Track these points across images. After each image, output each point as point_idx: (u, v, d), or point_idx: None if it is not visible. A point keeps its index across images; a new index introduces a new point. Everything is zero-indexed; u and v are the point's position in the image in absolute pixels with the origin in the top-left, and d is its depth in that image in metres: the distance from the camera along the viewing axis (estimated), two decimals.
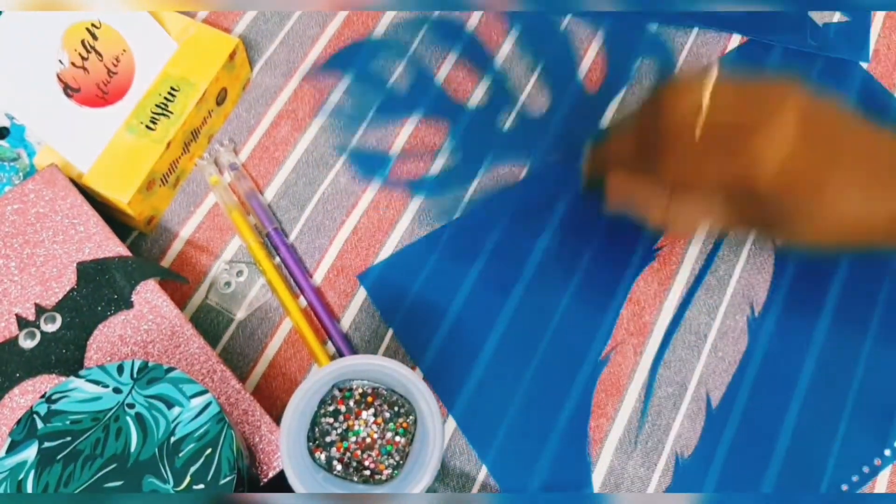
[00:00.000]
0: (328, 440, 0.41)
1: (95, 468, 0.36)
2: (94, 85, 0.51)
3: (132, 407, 0.38)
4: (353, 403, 0.41)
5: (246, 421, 0.45)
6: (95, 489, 0.36)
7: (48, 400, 0.37)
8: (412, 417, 0.41)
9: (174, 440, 0.37)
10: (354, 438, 0.41)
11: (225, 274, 0.52)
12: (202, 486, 0.36)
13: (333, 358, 0.50)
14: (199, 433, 0.37)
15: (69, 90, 0.50)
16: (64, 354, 0.45)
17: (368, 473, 0.40)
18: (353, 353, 0.51)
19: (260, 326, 0.51)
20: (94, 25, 0.51)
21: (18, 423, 0.37)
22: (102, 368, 0.38)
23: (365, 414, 0.41)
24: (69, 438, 0.37)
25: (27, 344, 0.45)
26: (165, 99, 0.52)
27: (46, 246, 0.48)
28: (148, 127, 0.51)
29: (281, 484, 0.44)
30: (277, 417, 0.49)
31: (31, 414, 0.37)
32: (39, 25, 0.49)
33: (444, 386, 0.50)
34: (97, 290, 0.47)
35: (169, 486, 0.36)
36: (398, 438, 0.41)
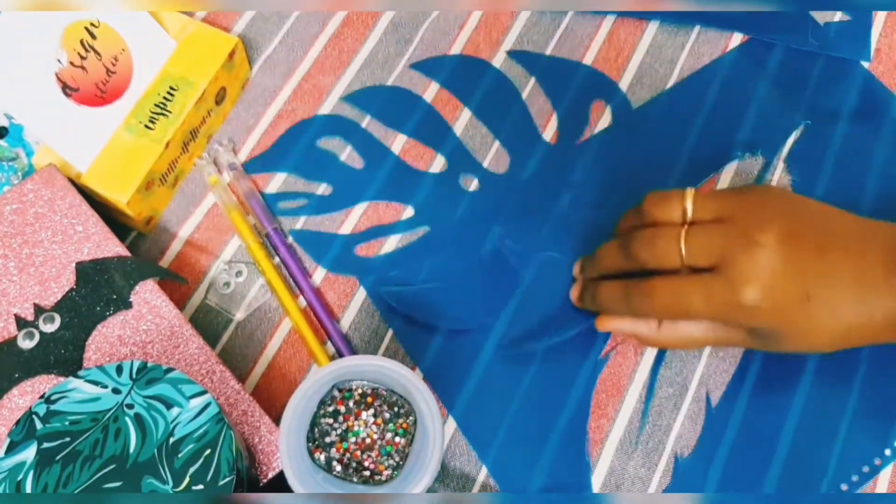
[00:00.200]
0: (328, 440, 0.40)
1: (94, 469, 0.36)
2: (92, 84, 0.51)
3: (131, 407, 0.37)
4: (352, 404, 0.41)
5: (245, 421, 0.45)
6: (94, 490, 0.36)
7: (47, 400, 0.37)
8: (412, 418, 0.41)
9: (173, 441, 0.37)
10: (354, 439, 0.41)
11: (224, 274, 0.52)
12: (201, 486, 0.36)
13: (333, 358, 0.50)
14: (198, 434, 0.37)
15: (68, 89, 0.50)
16: (63, 355, 0.45)
17: (368, 474, 0.40)
18: (352, 353, 0.50)
19: (259, 327, 0.51)
20: (92, 25, 0.51)
21: (17, 423, 0.37)
22: (101, 369, 0.38)
23: (365, 414, 0.41)
24: (68, 439, 0.37)
25: (26, 344, 0.45)
26: (164, 98, 0.52)
27: (45, 246, 0.47)
28: (147, 126, 0.51)
29: (281, 484, 0.44)
30: (277, 418, 0.49)
31: (29, 414, 0.37)
32: (38, 25, 0.49)
33: (444, 386, 0.50)
34: (96, 290, 0.46)
35: (168, 486, 0.36)
36: (398, 439, 0.41)
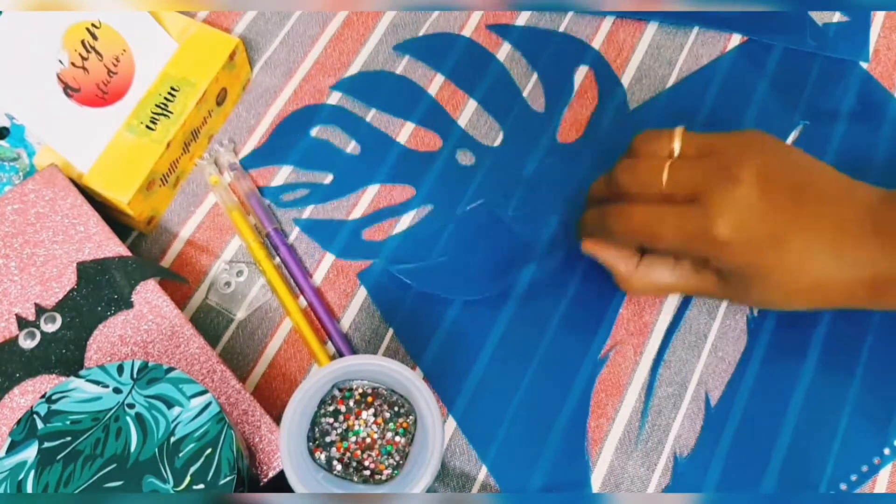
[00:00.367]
0: (328, 440, 0.41)
1: (95, 468, 0.36)
2: (94, 85, 0.51)
3: (132, 407, 0.38)
4: (353, 403, 0.41)
5: (246, 421, 0.45)
6: (95, 489, 0.36)
7: (48, 400, 0.37)
8: (412, 417, 0.41)
9: (174, 440, 0.37)
10: (354, 438, 0.41)
11: (225, 274, 0.52)
12: (202, 486, 0.36)
13: (333, 358, 0.50)
14: (199, 433, 0.37)
15: (69, 90, 0.50)
16: (64, 354, 0.45)
17: (368, 473, 0.40)
18: (353, 353, 0.51)
19: (260, 326, 0.51)
20: (94, 25, 0.51)
21: (18, 423, 0.37)
22: (102, 368, 0.38)
23: (365, 414, 0.41)
24: (69, 438, 0.37)
25: (27, 344, 0.45)
26: (165, 99, 0.52)
27: (46, 246, 0.48)
28: (148, 127, 0.51)
29: (281, 484, 0.44)
30: (277, 417, 0.49)
31: (31, 414, 0.37)
32: (39, 25, 0.49)
33: (444, 386, 0.50)
34: (97, 290, 0.47)
35: (169, 486, 0.36)
36: (398, 438, 0.41)
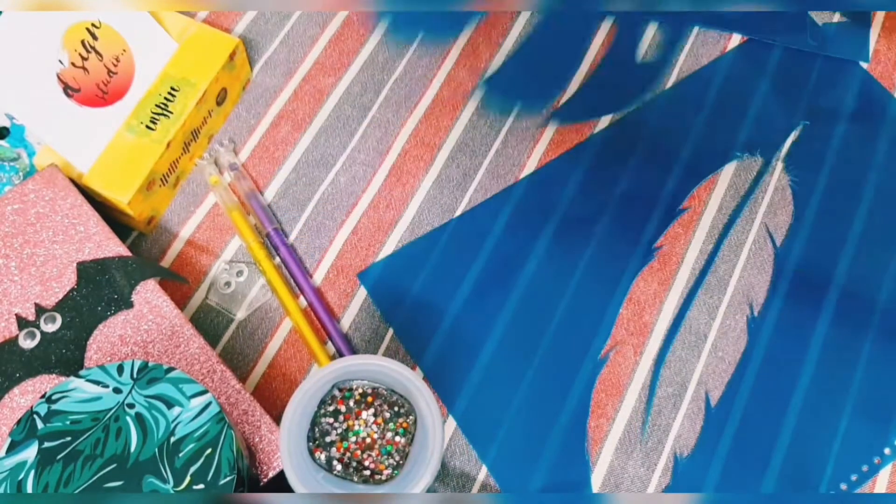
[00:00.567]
0: (328, 440, 0.41)
1: (95, 468, 0.36)
2: (94, 85, 0.51)
3: (132, 407, 0.38)
4: (353, 403, 0.41)
5: (246, 421, 0.45)
6: (95, 489, 0.36)
7: (48, 400, 0.37)
8: (412, 417, 0.41)
9: (174, 440, 0.37)
10: (354, 438, 0.41)
11: (225, 274, 0.52)
12: (202, 486, 0.36)
13: (333, 358, 0.50)
14: (199, 433, 0.37)
15: (69, 90, 0.50)
16: (64, 354, 0.45)
17: (368, 473, 0.40)
18: (353, 353, 0.51)
19: (260, 326, 0.51)
20: (94, 25, 0.51)
21: (18, 423, 0.37)
22: (102, 368, 0.38)
23: (365, 414, 0.41)
24: (69, 438, 0.37)
25: (27, 344, 0.45)
26: (165, 99, 0.52)
27: (46, 246, 0.48)
28: (148, 127, 0.51)
29: (281, 484, 0.44)
30: (277, 417, 0.49)
31: (31, 414, 0.37)
32: (39, 25, 0.49)
33: (444, 386, 0.50)
34: (97, 290, 0.47)
35: (169, 486, 0.36)
36: (398, 438, 0.41)
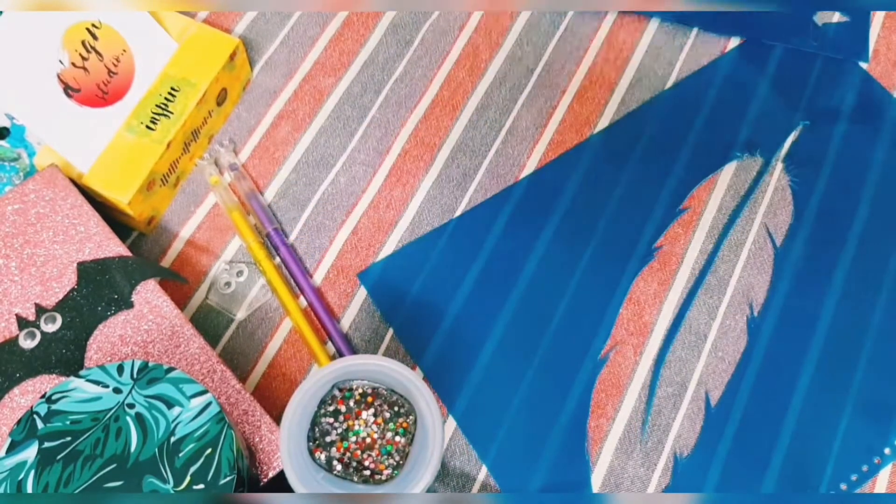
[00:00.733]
0: (328, 440, 0.41)
1: (95, 468, 0.36)
2: (94, 85, 0.51)
3: (132, 407, 0.38)
4: (353, 403, 0.41)
5: (246, 421, 0.45)
6: (95, 489, 0.36)
7: (48, 400, 0.37)
8: (412, 417, 0.41)
9: (174, 440, 0.37)
10: (354, 438, 0.41)
11: (225, 274, 0.52)
12: (202, 486, 0.36)
13: (333, 358, 0.50)
14: (199, 433, 0.37)
15: (69, 90, 0.50)
16: (64, 354, 0.45)
17: (368, 473, 0.40)
18: (353, 353, 0.51)
19: (260, 326, 0.51)
20: (94, 25, 0.51)
21: (18, 423, 0.37)
22: (102, 368, 0.38)
23: (365, 414, 0.41)
24: (69, 438, 0.37)
25: (27, 344, 0.45)
26: (166, 99, 0.52)
27: (47, 246, 0.48)
28: (148, 127, 0.51)
29: (281, 484, 0.44)
30: (277, 417, 0.49)
31: (31, 414, 0.37)
32: (39, 25, 0.49)
33: (444, 386, 0.50)
34: (97, 290, 0.47)
35: (169, 486, 0.36)
36: (398, 438, 0.41)
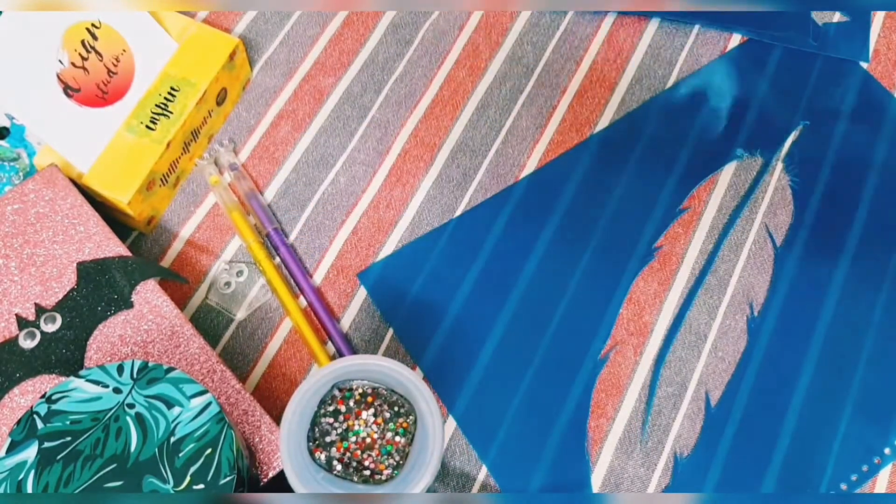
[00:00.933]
0: (328, 440, 0.41)
1: (95, 468, 0.36)
2: (94, 85, 0.51)
3: (132, 407, 0.38)
4: (353, 403, 0.41)
5: (246, 421, 0.45)
6: (95, 489, 0.36)
7: (48, 400, 0.37)
8: (412, 417, 0.41)
9: (174, 440, 0.37)
10: (354, 438, 0.41)
11: (225, 274, 0.52)
12: (202, 486, 0.36)
13: (333, 358, 0.50)
14: (199, 433, 0.37)
15: (69, 90, 0.50)
16: (64, 354, 0.45)
17: (368, 473, 0.40)
18: (353, 353, 0.51)
19: (260, 326, 0.51)
20: (94, 25, 0.51)
21: (18, 423, 0.37)
22: (102, 368, 0.38)
23: (365, 414, 0.41)
24: (69, 438, 0.37)
25: (27, 344, 0.45)
26: (165, 99, 0.52)
27: (46, 246, 0.48)
28: (148, 127, 0.51)
29: (281, 484, 0.44)
30: (277, 417, 0.49)
31: (31, 414, 0.37)
32: (39, 25, 0.49)
33: (444, 386, 0.50)
34: (97, 290, 0.47)
35: (169, 486, 0.36)
36: (398, 438, 0.41)
